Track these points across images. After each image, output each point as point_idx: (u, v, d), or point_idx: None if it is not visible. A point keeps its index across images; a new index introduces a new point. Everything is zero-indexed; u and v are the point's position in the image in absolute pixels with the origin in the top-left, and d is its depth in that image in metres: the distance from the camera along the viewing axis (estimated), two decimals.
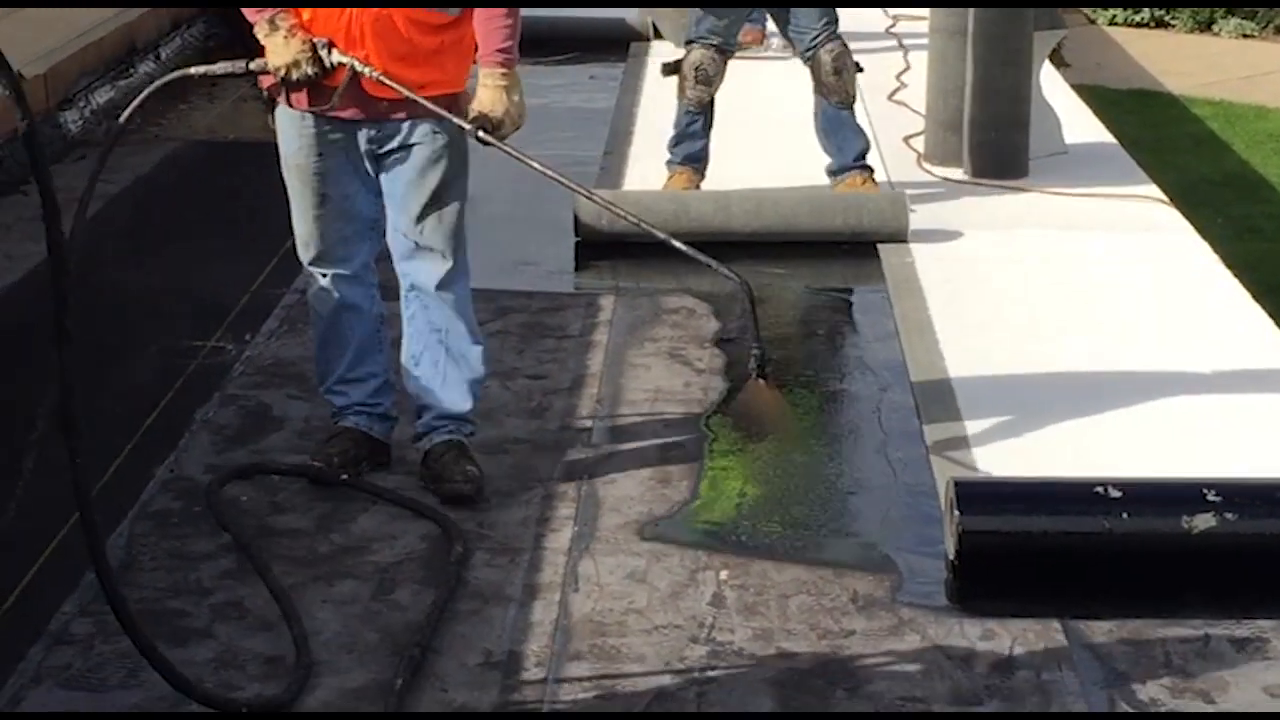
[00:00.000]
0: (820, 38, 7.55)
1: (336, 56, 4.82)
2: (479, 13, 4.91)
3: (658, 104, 9.66)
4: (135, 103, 4.92)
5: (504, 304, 6.64)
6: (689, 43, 7.68)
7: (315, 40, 4.83)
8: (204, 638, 4.39)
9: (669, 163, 7.83)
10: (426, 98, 4.85)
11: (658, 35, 11.25)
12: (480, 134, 4.85)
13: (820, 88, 7.64)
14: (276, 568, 4.71)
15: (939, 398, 5.75)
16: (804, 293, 7.06)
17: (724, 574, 4.73)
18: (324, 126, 4.97)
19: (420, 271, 5.10)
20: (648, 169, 8.31)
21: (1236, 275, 6.91)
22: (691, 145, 7.80)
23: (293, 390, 5.84)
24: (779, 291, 6.97)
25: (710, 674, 4.28)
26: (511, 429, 5.58)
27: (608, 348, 6.25)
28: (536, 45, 11.12)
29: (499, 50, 4.90)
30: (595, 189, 7.62)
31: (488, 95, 4.90)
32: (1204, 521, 4.60)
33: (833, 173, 7.81)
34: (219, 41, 11.08)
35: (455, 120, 4.86)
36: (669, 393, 5.86)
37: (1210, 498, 4.62)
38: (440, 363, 5.14)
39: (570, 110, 9.74)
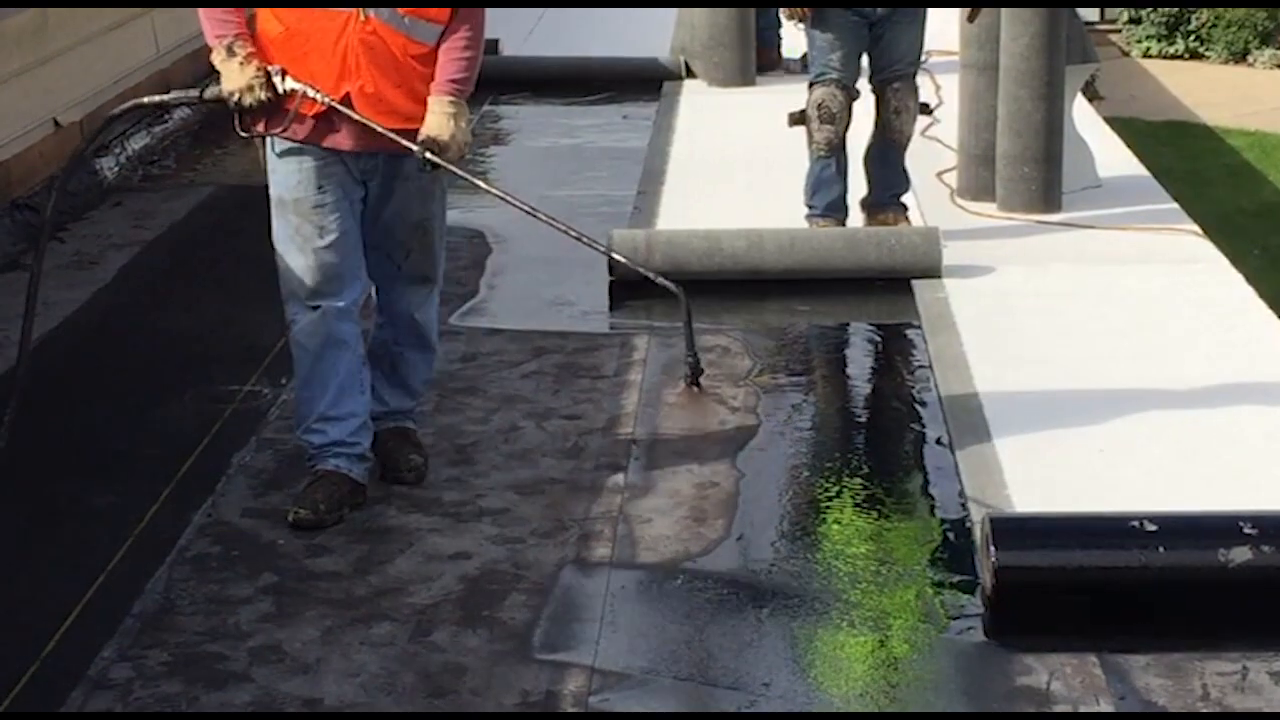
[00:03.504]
0: (895, 72, 7.52)
1: (289, 83, 5.06)
2: (446, 43, 5.15)
3: (691, 143, 9.71)
4: (94, 136, 5.54)
5: (539, 344, 6.66)
6: (811, 85, 7.57)
7: (269, 67, 5.07)
8: (243, 681, 4.40)
9: (809, 215, 7.67)
10: (413, 130, 5.11)
11: (690, 74, 11.28)
12: (428, 155, 5.09)
13: (877, 120, 7.65)
14: (314, 610, 4.74)
15: (973, 433, 5.74)
16: (837, 329, 7.06)
17: (761, 613, 4.73)
18: (321, 160, 5.17)
19: (399, 295, 5.42)
20: (681, 208, 8.34)
21: (1273, 307, 6.89)
22: (829, 193, 7.63)
23: None
24: (812, 328, 6.98)
25: (749, 710, 4.28)
26: (547, 469, 5.59)
27: (642, 387, 6.26)
28: (569, 86, 11.24)
29: (452, 80, 5.14)
30: (629, 228, 7.67)
31: (435, 120, 5.12)
32: (1240, 555, 4.59)
33: (867, 205, 7.81)
34: None
35: (407, 145, 5.10)
36: (704, 431, 5.87)
37: (1246, 531, 4.61)
38: (397, 365, 5.49)
39: (604, 150, 9.77)
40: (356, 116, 5.07)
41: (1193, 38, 14.15)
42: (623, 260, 6.21)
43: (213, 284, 7.53)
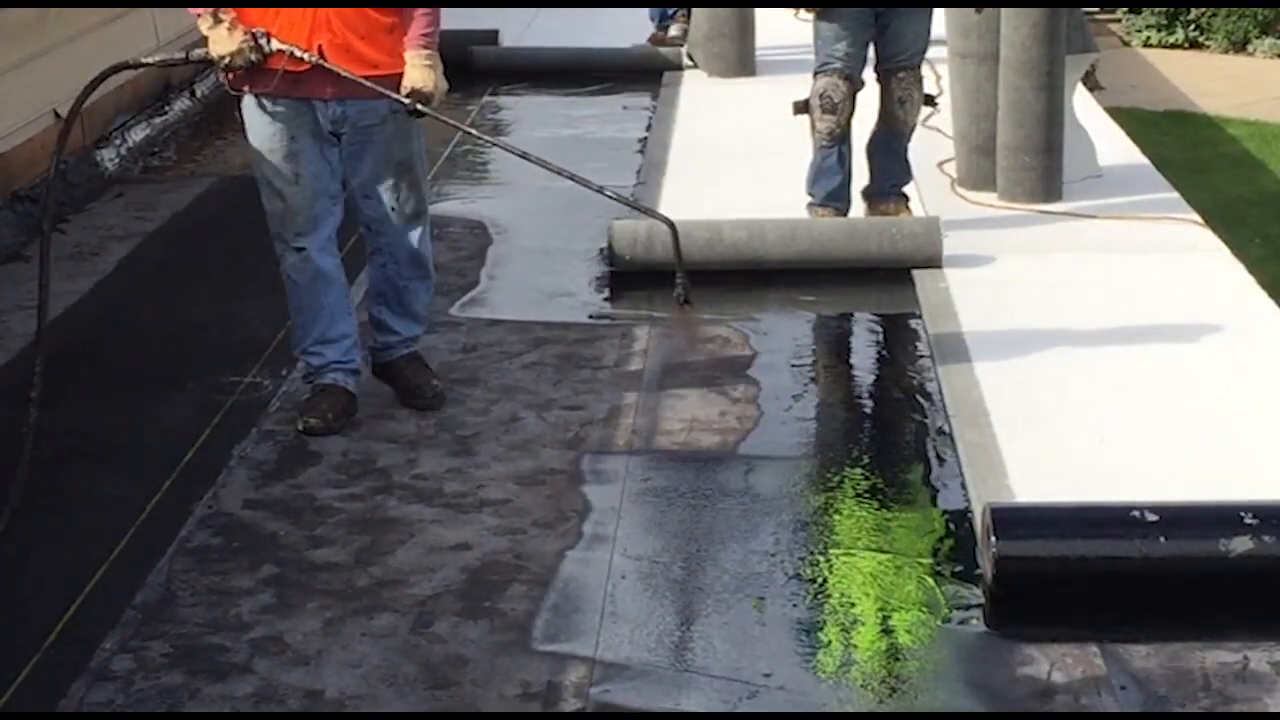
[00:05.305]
0: (900, 62, 7.51)
1: (275, 44, 5.49)
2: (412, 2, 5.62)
3: (692, 134, 9.70)
4: (80, 98, 5.67)
5: (539, 335, 6.66)
6: (815, 74, 7.54)
7: (254, 30, 5.49)
8: (244, 673, 4.41)
9: (810, 204, 7.67)
10: (380, 76, 5.55)
11: (692, 65, 11.27)
12: (418, 105, 5.58)
13: (881, 109, 7.64)
14: (315, 602, 4.74)
15: (974, 423, 5.74)
16: (839, 319, 7.06)
17: (763, 603, 4.73)
18: (290, 111, 5.62)
19: (399, 233, 5.83)
20: (682, 198, 8.33)
21: (1273, 296, 6.89)
22: (830, 181, 7.61)
23: None
24: (814, 318, 6.97)
25: (749, 700, 4.29)
26: (548, 460, 5.60)
27: (643, 378, 6.26)
28: (570, 76, 11.24)
29: (424, 34, 5.61)
30: (630, 219, 7.66)
31: (418, 73, 5.60)
32: (1241, 544, 4.59)
33: (869, 195, 7.81)
34: None
35: (393, 96, 5.56)
36: (705, 422, 5.87)
37: (1247, 520, 4.62)
38: (403, 297, 5.95)
39: (604, 140, 9.76)
40: (344, 73, 5.51)
41: (1192, 27, 14.13)
42: (613, 197, 6.26)
43: (214, 276, 7.53)
